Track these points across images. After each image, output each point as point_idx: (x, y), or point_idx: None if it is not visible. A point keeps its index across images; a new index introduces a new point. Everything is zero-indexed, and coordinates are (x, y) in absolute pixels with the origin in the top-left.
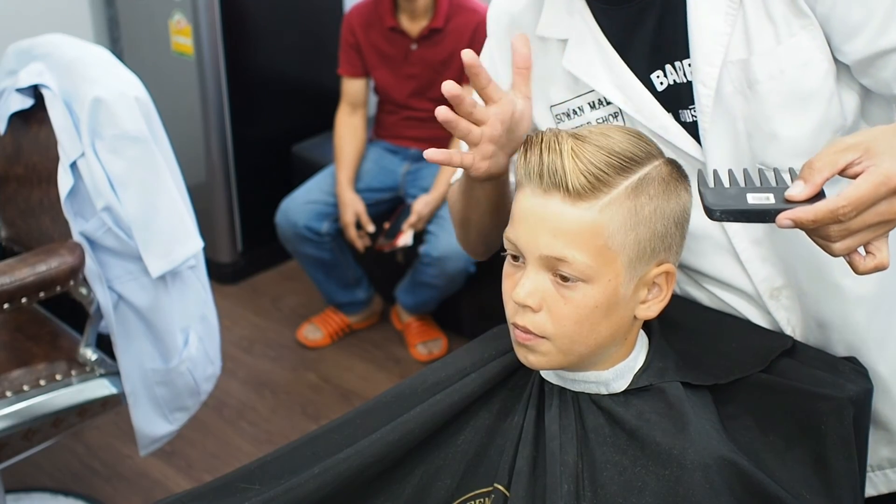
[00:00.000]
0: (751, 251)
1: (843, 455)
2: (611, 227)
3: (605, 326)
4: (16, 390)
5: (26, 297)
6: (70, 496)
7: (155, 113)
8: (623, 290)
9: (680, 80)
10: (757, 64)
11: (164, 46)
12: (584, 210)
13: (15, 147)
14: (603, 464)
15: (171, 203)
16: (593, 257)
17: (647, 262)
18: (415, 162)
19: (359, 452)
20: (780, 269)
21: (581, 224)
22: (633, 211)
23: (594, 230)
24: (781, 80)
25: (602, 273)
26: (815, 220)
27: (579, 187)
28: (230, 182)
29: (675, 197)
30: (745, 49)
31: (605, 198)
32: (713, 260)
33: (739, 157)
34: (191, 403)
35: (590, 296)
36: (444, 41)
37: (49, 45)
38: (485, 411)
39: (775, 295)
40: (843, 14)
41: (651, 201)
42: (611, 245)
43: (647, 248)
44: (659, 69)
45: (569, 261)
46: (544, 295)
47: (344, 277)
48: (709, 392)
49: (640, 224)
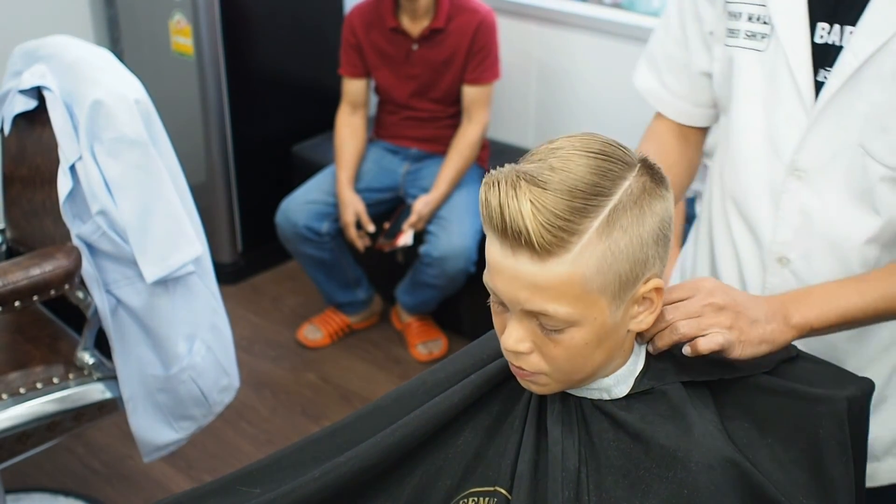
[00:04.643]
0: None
1: (841, 460)
2: (587, 274)
3: (599, 354)
4: (11, 393)
5: (19, 300)
6: (70, 496)
7: (155, 115)
8: (611, 320)
9: (837, 42)
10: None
11: (164, 46)
12: (556, 265)
13: (19, 148)
14: (608, 468)
15: (168, 208)
16: (574, 305)
17: (632, 287)
18: (415, 162)
19: (359, 455)
20: (799, 247)
21: (556, 279)
22: (607, 251)
23: (570, 281)
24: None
25: (586, 315)
26: None
27: (546, 245)
28: (230, 182)
29: (650, 214)
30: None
31: (576, 247)
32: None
33: (843, 136)
34: (198, 413)
35: (578, 336)
36: (445, 41)
37: (53, 47)
38: (484, 413)
39: (784, 262)
40: None
41: (626, 233)
42: (590, 289)
43: (628, 277)
44: (827, 23)
45: (550, 314)
46: (534, 339)
47: (344, 277)
48: (709, 393)
49: (618, 260)
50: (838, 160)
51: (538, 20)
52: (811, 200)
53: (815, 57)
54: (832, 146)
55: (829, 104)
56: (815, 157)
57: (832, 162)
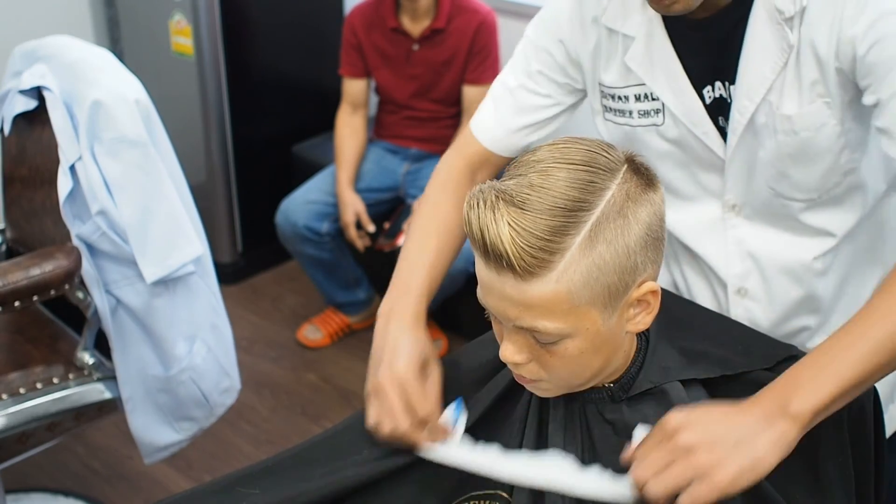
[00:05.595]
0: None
1: (838, 460)
2: (573, 290)
3: (597, 360)
4: (11, 393)
5: (19, 300)
6: (70, 496)
7: (155, 115)
8: (605, 328)
9: (725, 96)
10: (779, 120)
11: (164, 46)
12: (540, 285)
13: (19, 148)
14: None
15: (168, 208)
16: (564, 319)
17: (623, 294)
18: (415, 162)
19: (358, 456)
20: (754, 277)
21: (542, 297)
22: (592, 265)
23: (557, 298)
24: (795, 138)
25: (578, 327)
26: None
27: (528, 267)
28: (230, 182)
29: (634, 222)
30: (778, 98)
31: (559, 265)
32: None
33: (754, 181)
34: (199, 415)
35: (573, 346)
36: (445, 42)
37: (53, 47)
38: (484, 414)
39: (743, 293)
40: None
41: (610, 246)
42: (579, 303)
43: (618, 287)
44: (709, 84)
45: (540, 330)
46: (530, 350)
47: (344, 277)
48: (704, 390)
49: (604, 272)
50: (759, 198)
51: None
52: (752, 231)
53: (711, 112)
54: (751, 187)
55: (735, 152)
56: (741, 195)
57: (756, 199)
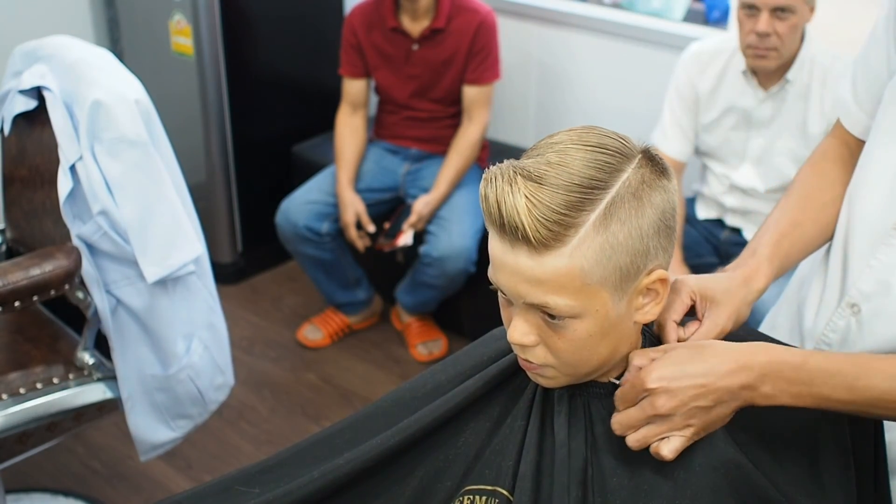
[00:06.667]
0: None
1: (840, 463)
2: (585, 267)
3: (604, 346)
4: (11, 393)
5: (19, 300)
6: (70, 496)
7: (155, 115)
8: (614, 312)
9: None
10: None
11: (164, 47)
12: (553, 258)
13: (19, 149)
14: (612, 469)
15: (169, 208)
16: (574, 297)
17: (634, 279)
18: (415, 162)
19: (358, 457)
20: (874, 303)
21: (555, 272)
22: (605, 243)
23: (569, 274)
24: None
25: (588, 307)
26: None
27: (543, 239)
28: (230, 182)
29: (649, 206)
30: None
31: (573, 240)
32: None
33: None
34: (195, 412)
35: (581, 328)
36: (445, 41)
37: (53, 47)
38: (485, 414)
39: (855, 310)
40: None
41: (623, 226)
42: (590, 282)
43: (629, 269)
44: None
45: (551, 306)
46: (539, 331)
47: (344, 277)
48: None
49: (617, 252)
50: None
51: (538, 20)
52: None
53: None
54: None
55: None
56: None
57: None
